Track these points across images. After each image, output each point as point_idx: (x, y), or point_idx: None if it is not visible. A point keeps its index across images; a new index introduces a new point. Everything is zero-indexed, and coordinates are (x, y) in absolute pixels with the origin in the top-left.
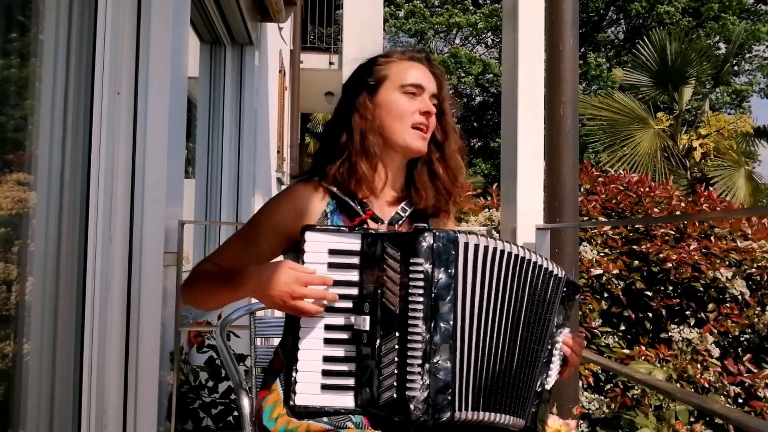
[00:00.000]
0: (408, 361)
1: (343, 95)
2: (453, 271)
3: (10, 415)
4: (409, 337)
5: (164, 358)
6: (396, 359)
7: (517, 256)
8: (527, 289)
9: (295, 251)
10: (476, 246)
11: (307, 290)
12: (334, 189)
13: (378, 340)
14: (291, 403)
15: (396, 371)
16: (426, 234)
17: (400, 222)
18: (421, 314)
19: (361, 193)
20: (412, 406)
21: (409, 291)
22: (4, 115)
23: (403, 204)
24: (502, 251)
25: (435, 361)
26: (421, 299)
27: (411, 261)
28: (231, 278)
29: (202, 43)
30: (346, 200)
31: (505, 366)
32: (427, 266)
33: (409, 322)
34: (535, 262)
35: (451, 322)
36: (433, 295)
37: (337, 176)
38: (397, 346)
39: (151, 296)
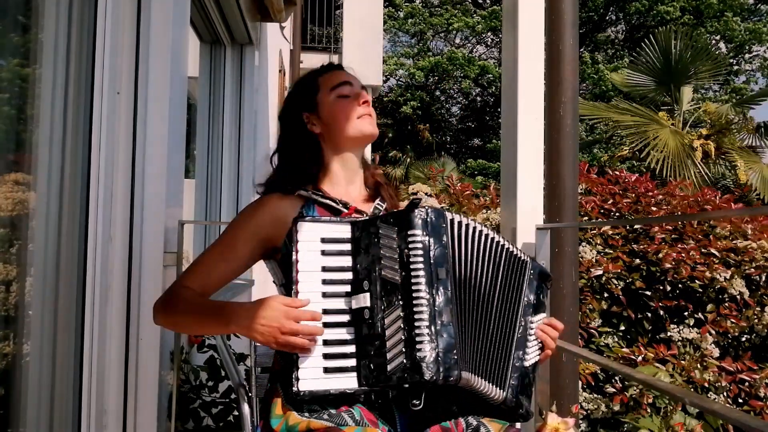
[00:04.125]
0: (415, 324)
1: (286, 122)
2: (446, 241)
3: (10, 414)
4: (414, 302)
5: (164, 357)
6: (402, 326)
7: (488, 235)
8: (498, 264)
9: (272, 256)
10: (459, 222)
11: (297, 326)
12: (312, 195)
13: (380, 314)
14: (295, 389)
15: (403, 337)
16: (419, 209)
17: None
18: (423, 280)
19: (339, 196)
20: (424, 366)
21: (410, 260)
22: (4, 115)
23: (377, 201)
24: (474, 228)
25: (441, 322)
26: (422, 266)
27: (409, 233)
28: (216, 313)
29: (202, 43)
30: (326, 202)
31: (484, 333)
32: (424, 237)
33: (413, 288)
34: (502, 244)
35: (450, 288)
36: (431, 262)
37: (317, 187)
38: (401, 314)
39: (151, 296)
